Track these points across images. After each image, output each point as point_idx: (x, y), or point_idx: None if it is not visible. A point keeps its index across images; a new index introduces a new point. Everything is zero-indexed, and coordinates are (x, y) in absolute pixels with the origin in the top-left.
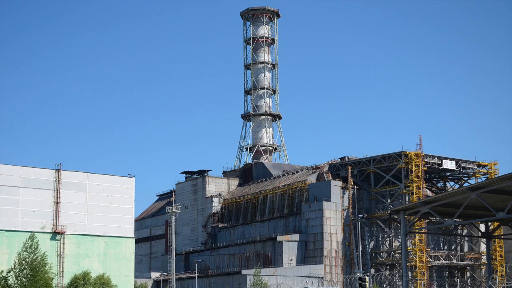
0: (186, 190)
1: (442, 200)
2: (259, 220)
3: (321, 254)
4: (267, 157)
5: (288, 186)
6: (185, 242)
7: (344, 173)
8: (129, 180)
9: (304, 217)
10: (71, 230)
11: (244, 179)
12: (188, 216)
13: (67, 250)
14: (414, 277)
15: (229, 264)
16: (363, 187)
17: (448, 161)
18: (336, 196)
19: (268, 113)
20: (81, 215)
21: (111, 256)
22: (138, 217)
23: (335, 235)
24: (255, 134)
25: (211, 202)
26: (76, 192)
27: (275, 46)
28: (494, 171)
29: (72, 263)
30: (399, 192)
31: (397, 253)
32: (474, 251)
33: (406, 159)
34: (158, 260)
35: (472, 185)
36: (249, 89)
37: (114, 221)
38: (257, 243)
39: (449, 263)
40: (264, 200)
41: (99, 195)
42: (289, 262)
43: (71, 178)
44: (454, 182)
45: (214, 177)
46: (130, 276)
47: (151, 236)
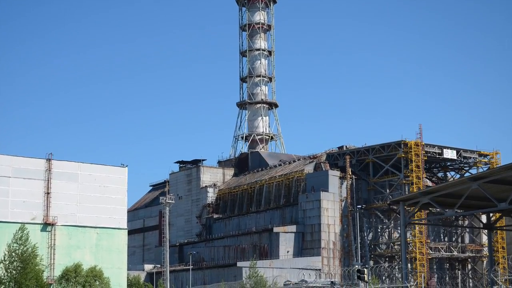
0: (180, 180)
1: (442, 190)
2: (255, 211)
3: (319, 245)
4: (263, 146)
5: (285, 176)
6: (179, 234)
7: (342, 162)
8: (122, 170)
9: (301, 208)
10: (62, 221)
11: (240, 169)
12: (182, 207)
13: (58, 241)
14: (414, 270)
15: (224, 256)
16: (362, 177)
17: (449, 150)
18: (334, 186)
19: (264, 101)
20: (72, 206)
21: (103, 248)
22: (131, 208)
23: (332, 226)
24: (251, 122)
25: (205, 193)
26: (68, 182)
27: (271, 32)
28: (496, 160)
29: (63, 255)
30: (399, 182)
31: (396, 244)
32: (475, 242)
33: (405, 148)
34: (152, 252)
35: (473, 175)
36: (245, 76)
37: (106, 212)
38: (253, 234)
39: (450, 255)
40: (260, 190)
41: (91, 185)
42: (285, 254)
43: (62, 168)
44: (455, 172)
45: (209, 167)
46: (123, 268)
47: (144, 227)
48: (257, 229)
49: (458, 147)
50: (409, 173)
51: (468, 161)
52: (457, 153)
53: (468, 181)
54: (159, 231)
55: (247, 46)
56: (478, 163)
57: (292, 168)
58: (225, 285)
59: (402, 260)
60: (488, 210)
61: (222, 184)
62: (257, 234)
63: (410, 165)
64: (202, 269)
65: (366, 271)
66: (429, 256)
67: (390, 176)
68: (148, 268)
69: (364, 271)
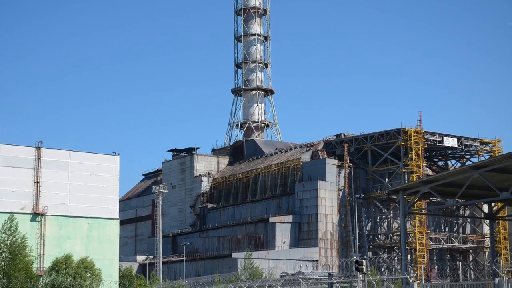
0: (173, 169)
1: (443, 179)
2: (250, 200)
3: (316, 236)
4: (258, 134)
5: (281, 165)
6: (172, 224)
7: (340, 151)
8: (114, 158)
9: (298, 198)
10: (52, 211)
11: (235, 157)
12: (175, 196)
13: (48, 232)
14: (414, 261)
15: (219, 246)
16: (360, 166)
17: (450, 138)
18: (331, 175)
19: (259, 88)
20: (62, 195)
21: (94, 239)
22: (123, 198)
23: (330, 216)
24: (246, 110)
25: (199, 182)
26: (58, 171)
27: (267, 17)
28: (498, 148)
29: (53, 246)
30: (398, 171)
31: (395, 235)
32: (476, 233)
33: (405, 136)
34: (144, 242)
35: (474, 164)
36: (240, 62)
37: (97, 201)
38: (248, 224)
39: (451, 246)
40: (256, 179)
41: (82, 174)
42: (282, 244)
43: (52, 156)
44: (456, 160)
45: (203, 155)
46: (115, 260)
47: (137, 217)
48: (252, 219)
49: (459, 135)
50: (408, 162)
51: (470, 149)
52: (458, 141)
53: (470, 170)
54: (152, 221)
55: (242, 31)
56: (479, 151)
57: (288, 157)
58: (220, 276)
59: (402, 251)
60: (490, 199)
61: (217, 173)
62: (253, 224)
63: (410, 154)
64: (196, 260)
65: (364, 262)
66: (429, 247)
67: (389, 165)
68: (140, 259)
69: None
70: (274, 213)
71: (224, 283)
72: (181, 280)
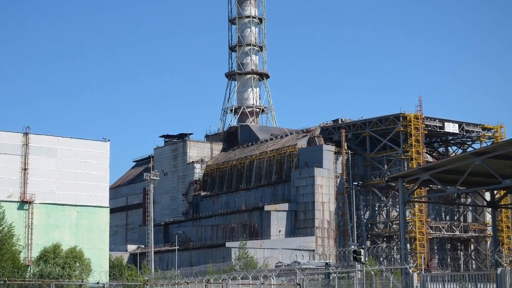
0: (165, 155)
1: (443, 166)
2: (244, 188)
3: (312, 225)
4: (253, 120)
5: (277, 151)
6: (164, 212)
7: (337, 137)
8: (104, 144)
9: (294, 185)
10: (40, 199)
11: (229, 143)
12: (167, 183)
13: (36, 220)
14: (414, 250)
15: (212, 236)
16: (358, 152)
17: (450, 124)
18: (328, 162)
19: (254, 72)
20: (51, 183)
21: (83, 227)
22: (113, 185)
23: (327, 205)
24: (241, 94)
25: (192, 169)
26: (46, 158)
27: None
28: (500, 134)
29: (41, 235)
30: (397, 157)
31: (395, 223)
32: (478, 221)
33: (404, 121)
34: (135, 231)
35: (476, 150)
36: (234, 45)
37: (87, 189)
38: (242, 213)
39: (452, 235)
40: (250, 166)
41: (71, 161)
42: (277, 233)
43: (40, 143)
44: (457, 146)
45: (196, 141)
46: (105, 249)
47: (127, 205)
48: (247, 207)
49: (460, 121)
50: (408, 148)
51: (471, 135)
52: (459, 127)
53: (471, 157)
54: (143, 209)
55: (237, 13)
56: (481, 137)
57: (284, 143)
58: (213, 266)
59: (401, 240)
60: (492, 187)
61: (210, 160)
62: (247, 212)
63: (410, 140)
64: (188, 249)
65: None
66: (429, 236)
67: (388, 151)
68: (131, 248)
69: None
70: (269, 201)
71: (217, 273)
72: (173, 270)
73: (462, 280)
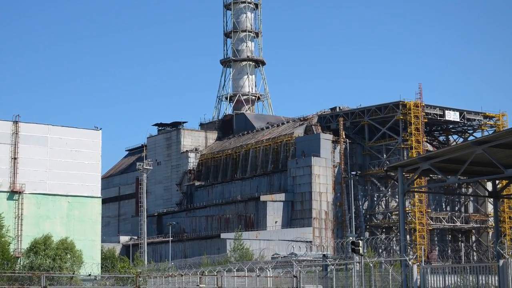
0: (158, 144)
1: (444, 155)
2: (240, 177)
3: (310, 215)
4: (249, 108)
5: (273, 140)
6: (157, 203)
7: (335, 125)
8: (96, 133)
9: (291, 175)
10: (31, 189)
11: (224, 132)
12: (161, 173)
13: (26, 211)
14: (413, 242)
15: (207, 227)
16: (356, 141)
17: (451, 112)
18: (326, 151)
19: (250, 59)
20: (41, 172)
21: (75, 218)
22: (105, 175)
23: (325, 195)
24: (236, 82)
25: (186, 158)
26: (36, 147)
27: None
28: (502, 123)
29: (31, 226)
30: (397, 146)
31: (394, 214)
32: (480, 212)
33: (404, 109)
34: (128, 222)
35: (478, 139)
36: (229, 31)
37: (78, 179)
38: (238, 203)
39: (452, 226)
40: (246, 155)
41: (62, 150)
42: (273, 224)
43: (30, 131)
44: (458, 135)
45: (190, 130)
46: (96, 240)
47: (120, 195)
48: (242, 198)
49: (461, 109)
50: (408, 137)
51: (472, 123)
52: (460, 115)
53: (472, 145)
54: (136, 199)
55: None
56: (483, 125)
57: (280, 131)
58: (208, 258)
59: (401, 231)
60: (494, 176)
61: (205, 149)
62: (243, 203)
63: (409, 128)
64: (182, 241)
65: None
66: (429, 227)
67: (387, 140)
68: (123, 240)
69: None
70: (265, 191)
71: (212, 265)
72: (167, 262)
73: (463, 272)
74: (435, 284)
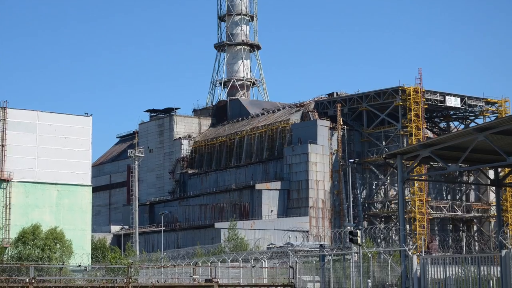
0: (150, 131)
1: (445, 142)
2: (234, 165)
3: (306, 204)
4: (244, 93)
5: (268, 127)
6: (149, 191)
7: (332, 111)
8: (86, 119)
9: (287, 162)
10: (19, 177)
11: (218, 118)
12: (153, 161)
13: (14, 200)
14: (413, 231)
15: (200, 216)
16: (354, 128)
17: (452, 97)
18: (323, 138)
19: (245, 43)
20: (30, 160)
21: (64, 207)
22: (96, 162)
23: (322, 183)
24: (230, 66)
25: (179, 145)
26: (25, 134)
27: None
28: (504, 109)
29: (20, 215)
30: (396, 133)
31: (393, 203)
32: (481, 201)
33: (403, 95)
34: (119, 211)
35: (479, 125)
36: (223, 15)
37: (68, 166)
38: (232, 192)
39: (453, 215)
40: (241, 142)
41: (51, 137)
42: (269, 213)
43: (18, 117)
44: (459, 122)
45: (183, 116)
46: (87, 230)
47: (111, 184)
48: (237, 186)
49: (462, 94)
50: (407, 123)
51: (474, 109)
52: (461, 101)
53: (474, 132)
54: (127, 188)
55: None
56: (485, 112)
57: (276, 118)
58: (201, 248)
59: (400, 220)
60: (496, 164)
61: (198, 136)
62: (237, 191)
63: (409, 114)
64: (175, 230)
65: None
66: (430, 216)
67: (386, 127)
68: (115, 229)
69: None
70: (260, 180)
71: (206, 256)
72: (159, 253)
73: (464, 263)
74: (435, 275)
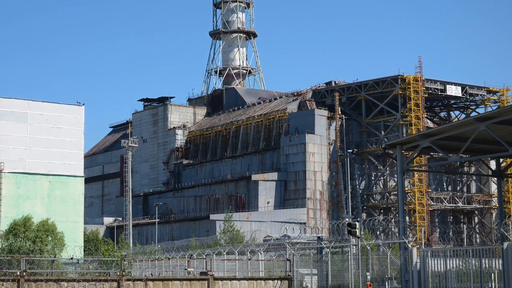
0: (144, 120)
1: (445, 132)
2: (230, 156)
3: (303, 196)
4: (240, 82)
5: (265, 116)
6: (143, 182)
7: (330, 100)
8: (78, 109)
9: (283, 153)
10: (10, 168)
11: (213, 107)
12: (147, 151)
13: (4, 191)
14: (413, 223)
15: (195, 207)
16: (353, 117)
17: (453, 86)
18: (321, 127)
19: (241, 30)
20: (21, 150)
21: (56, 198)
22: (89, 153)
23: (319, 174)
24: (226, 55)
25: (174, 135)
26: (16, 123)
27: None
28: (506, 98)
29: (10, 207)
30: (395, 123)
31: (392, 194)
32: (483, 192)
33: (403, 84)
34: (112, 203)
35: (480, 115)
36: (219, 1)
37: (60, 157)
38: (228, 183)
39: (454, 207)
40: (237, 132)
41: (43, 127)
42: (265, 205)
43: (9, 107)
44: (460, 111)
45: (177, 106)
46: (79, 222)
47: (104, 174)
48: (233, 177)
49: (463, 83)
50: (407, 113)
51: (475, 98)
52: (462, 90)
53: (475, 122)
54: (121, 179)
55: None
56: (486, 101)
57: (273, 107)
58: (196, 241)
59: (399, 212)
60: (498, 155)
61: (193, 125)
62: (233, 182)
63: (409, 104)
64: (169, 222)
65: (357, 225)
66: (430, 207)
67: (386, 116)
68: (108, 221)
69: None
70: (257, 170)
71: (201, 248)
72: (153, 245)
73: (465, 256)
74: (435, 268)
